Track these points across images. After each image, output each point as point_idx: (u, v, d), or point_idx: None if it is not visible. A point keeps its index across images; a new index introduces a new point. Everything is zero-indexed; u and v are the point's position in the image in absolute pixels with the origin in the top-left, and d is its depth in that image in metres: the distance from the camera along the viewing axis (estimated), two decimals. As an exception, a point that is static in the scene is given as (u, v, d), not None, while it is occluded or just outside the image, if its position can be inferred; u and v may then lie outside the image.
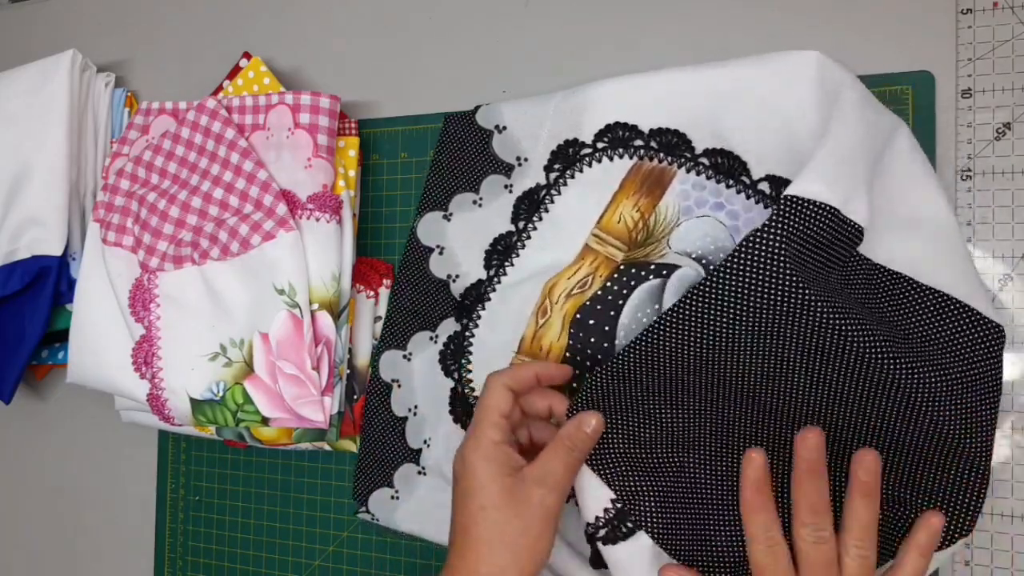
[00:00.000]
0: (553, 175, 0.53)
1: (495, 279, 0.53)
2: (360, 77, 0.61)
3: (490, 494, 0.40)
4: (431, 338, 0.55)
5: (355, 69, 0.62)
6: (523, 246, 0.53)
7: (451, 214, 0.55)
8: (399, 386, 0.56)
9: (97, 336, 0.60)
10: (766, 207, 0.47)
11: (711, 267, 0.47)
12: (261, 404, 0.54)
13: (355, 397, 0.58)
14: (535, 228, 0.53)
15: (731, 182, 0.48)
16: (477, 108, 0.55)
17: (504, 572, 0.39)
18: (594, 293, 0.49)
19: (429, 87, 0.59)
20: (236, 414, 0.55)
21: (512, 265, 0.53)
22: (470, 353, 0.53)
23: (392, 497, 0.55)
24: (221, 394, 0.55)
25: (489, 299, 0.53)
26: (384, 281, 0.59)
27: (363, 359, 0.58)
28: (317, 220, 0.55)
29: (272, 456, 0.62)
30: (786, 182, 0.46)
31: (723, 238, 0.47)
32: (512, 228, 0.53)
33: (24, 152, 0.63)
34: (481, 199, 0.55)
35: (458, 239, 0.55)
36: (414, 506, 0.54)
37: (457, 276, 0.55)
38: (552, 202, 0.52)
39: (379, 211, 0.60)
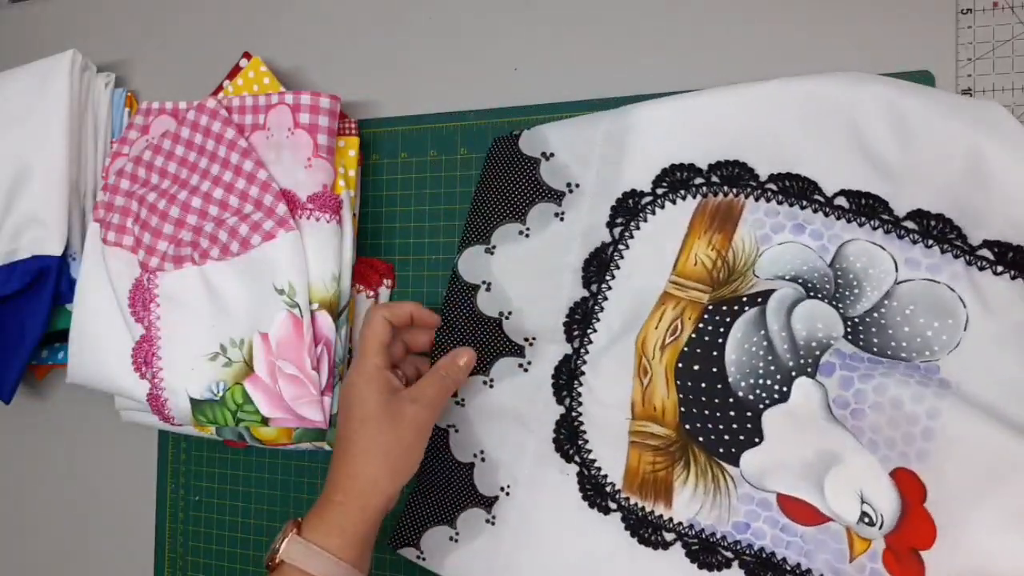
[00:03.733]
0: (617, 230, 0.51)
1: (582, 351, 0.51)
2: (360, 77, 0.61)
3: (369, 409, 0.46)
4: (484, 382, 0.53)
5: (355, 69, 0.62)
6: (601, 309, 0.51)
7: (494, 247, 0.53)
8: (456, 431, 0.53)
9: (97, 336, 0.60)
10: (848, 221, 0.46)
11: (809, 284, 0.46)
12: (261, 404, 0.54)
13: (355, 397, 0.58)
14: (610, 288, 0.51)
15: (804, 203, 0.47)
16: (519, 133, 0.53)
17: (378, 475, 0.45)
18: (688, 338, 0.48)
19: (429, 87, 0.59)
20: (236, 414, 0.55)
21: (595, 331, 0.51)
22: (584, 433, 0.50)
23: (451, 538, 0.52)
24: (221, 394, 0.55)
25: (583, 372, 0.51)
26: (384, 281, 0.59)
27: (363, 359, 0.58)
28: (317, 220, 0.55)
29: (272, 456, 0.62)
30: (864, 195, 0.45)
31: (812, 259, 0.46)
32: (586, 293, 0.51)
33: (24, 152, 0.63)
34: (528, 229, 0.52)
35: (506, 274, 0.53)
36: (470, 554, 0.52)
37: (510, 313, 0.53)
38: (622, 258, 0.50)
39: (379, 211, 0.60)
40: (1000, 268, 0.43)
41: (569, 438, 0.51)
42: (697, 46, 0.51)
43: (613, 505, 0.49)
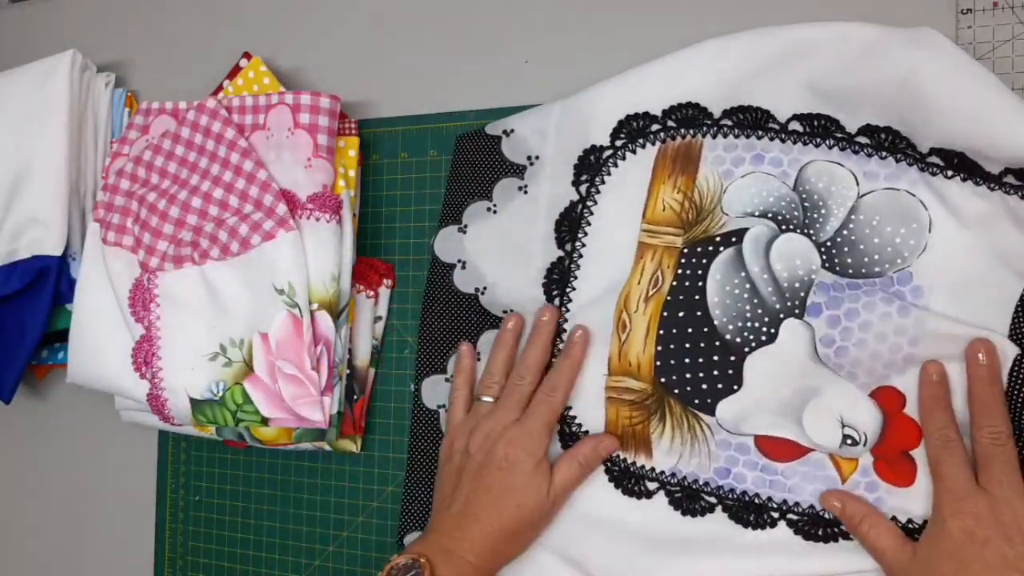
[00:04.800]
0: (583, 187, 0.52)
1: (563, 308, 0.52)
2: (360, 77, 0.61)
3: (530, 501, 0.47)
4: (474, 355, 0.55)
5: (355, 69, 0.62)
6: (578, 267, 0.52)
7: (465, 226, 0.55)
8: (445, 410, 0.55)
9: (97, 336, 0.60)
10: (805, 144, 0.47)
11: (779, 217, 0.47)
12: (261, 404, 0.54)
13: (355, 397, 0.58)
14: (584, 246, 0.52)
15: (760, 132, 0.48)
16: (484, 125, 0.55)
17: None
18: (670, 286, 0.49)
19: (429, 87, 0.59)
20: (236, 414, 0.55)
21: (574, 289, 0.52)
22: None
23: None
24: (221, 394, 0.55)
25: (564, 330, 0.52)
26: (384, 281, 0.59)
27: (363, 359, 0.58)
28: (317, 220, 0.55)
29: (272, 456, 0.62)
30: (816, 116, 0.47)
31: (776, 186, 0.47)
32: (561, 253, 0.53)
33: (24, 152, 0.63)
34: (495, 205, 0.54)
35: (478, 251, 0.55)
36: None
37: (485, 288, 0.54)
38: (591, 214, 0.52)
39: (379, 211, 0.60)
40: (950, 172, 0.44)
41: None
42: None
43: None
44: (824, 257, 0.46)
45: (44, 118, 0.63)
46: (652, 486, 0.49)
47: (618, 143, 0.51)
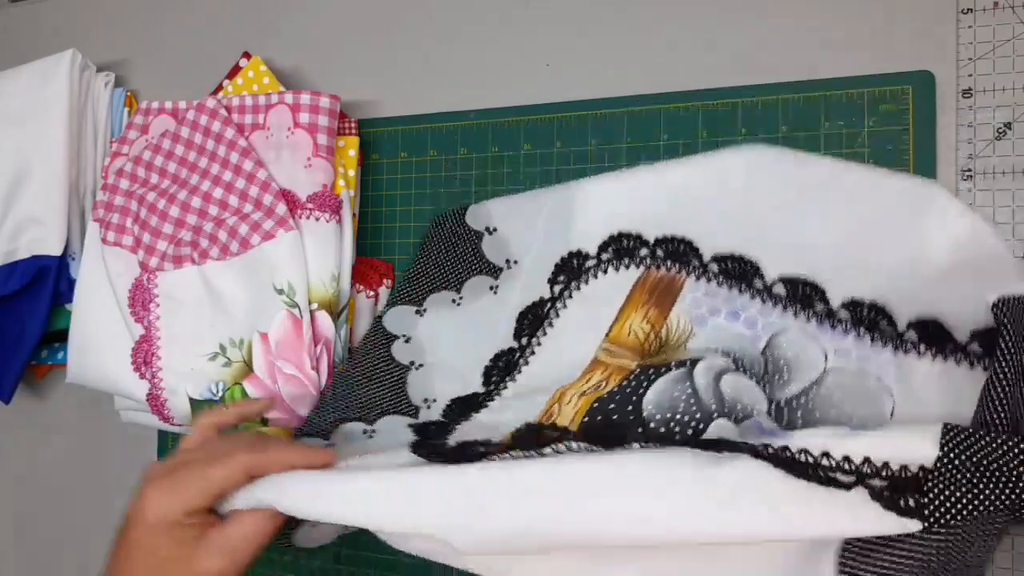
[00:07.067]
0: (557, 287, 0.51)
1: (494, 392, 0.50)
2: (360, 77, 0.61)
3: (159, 560, 0.39)
4: (365, 431, 0.51)
5: (355, 69, 0.62)
6: (526, 363, 0.50)
7: (425, 310, 0.54)
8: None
9: (97, 336, 0.60)
10: (785, 309, 0.45)
11: (739, 360, 0.45)
12: (261, 404, 0.54)
13: (355, 397, 0.58)
14: (539, 344, 0.50)
15: (743, 287, 0.46)
16: (466, 208, 0.54)
17: None
18: (611, 389, 0.47)
19: (429, 87, 0.59)
20: (236, 414, 0.55)
21: (514, 380, 0.50)
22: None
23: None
24: (220, 394, 0.55)
25: (486, 406, 0.50)
26: (384, 281, 0.59)
27: (363, 359, 0.58)
28: (317, 220, 0.55)
29: (272, 456, 0.62)
30: (802, 283, 0.45)
31: (744, 343, 0.46)
32: (515, 344, 0.51)
33: (24, 152, 0.63)
34: (461, 298, 0.53)
35: (429, 334, 0.53)
36: None
37: (421, 365, 0.53)
38: (558, 316, 0.50)
39: (379, 211, 0.60)
40: (923, 347, 0.42)
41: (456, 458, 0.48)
42: (687, 60, 0.51)
43: None
44: (773, 410, 0.44)
45: (44, 118, 0.63)
46: None
47: (604, 256, 0.50)
